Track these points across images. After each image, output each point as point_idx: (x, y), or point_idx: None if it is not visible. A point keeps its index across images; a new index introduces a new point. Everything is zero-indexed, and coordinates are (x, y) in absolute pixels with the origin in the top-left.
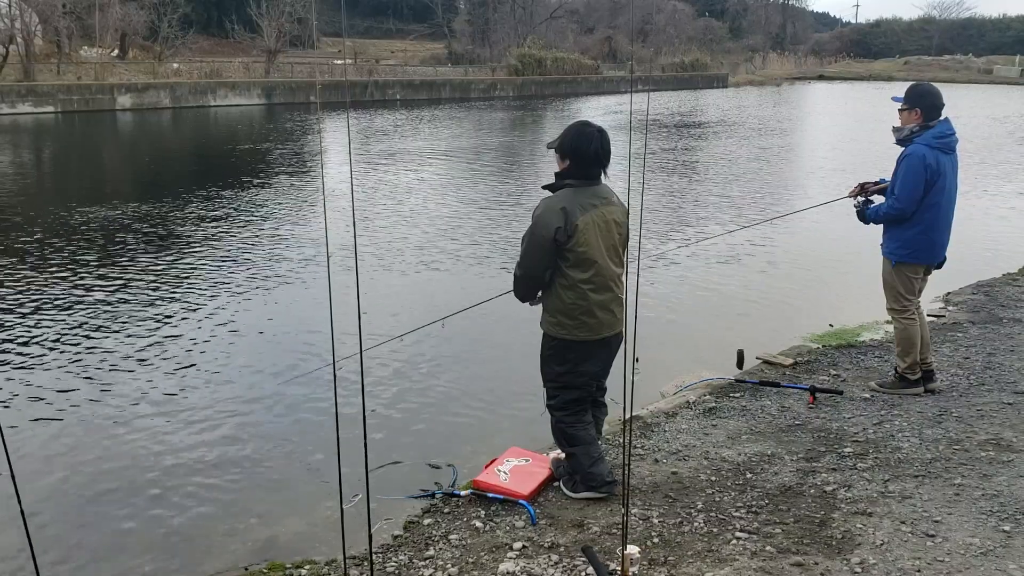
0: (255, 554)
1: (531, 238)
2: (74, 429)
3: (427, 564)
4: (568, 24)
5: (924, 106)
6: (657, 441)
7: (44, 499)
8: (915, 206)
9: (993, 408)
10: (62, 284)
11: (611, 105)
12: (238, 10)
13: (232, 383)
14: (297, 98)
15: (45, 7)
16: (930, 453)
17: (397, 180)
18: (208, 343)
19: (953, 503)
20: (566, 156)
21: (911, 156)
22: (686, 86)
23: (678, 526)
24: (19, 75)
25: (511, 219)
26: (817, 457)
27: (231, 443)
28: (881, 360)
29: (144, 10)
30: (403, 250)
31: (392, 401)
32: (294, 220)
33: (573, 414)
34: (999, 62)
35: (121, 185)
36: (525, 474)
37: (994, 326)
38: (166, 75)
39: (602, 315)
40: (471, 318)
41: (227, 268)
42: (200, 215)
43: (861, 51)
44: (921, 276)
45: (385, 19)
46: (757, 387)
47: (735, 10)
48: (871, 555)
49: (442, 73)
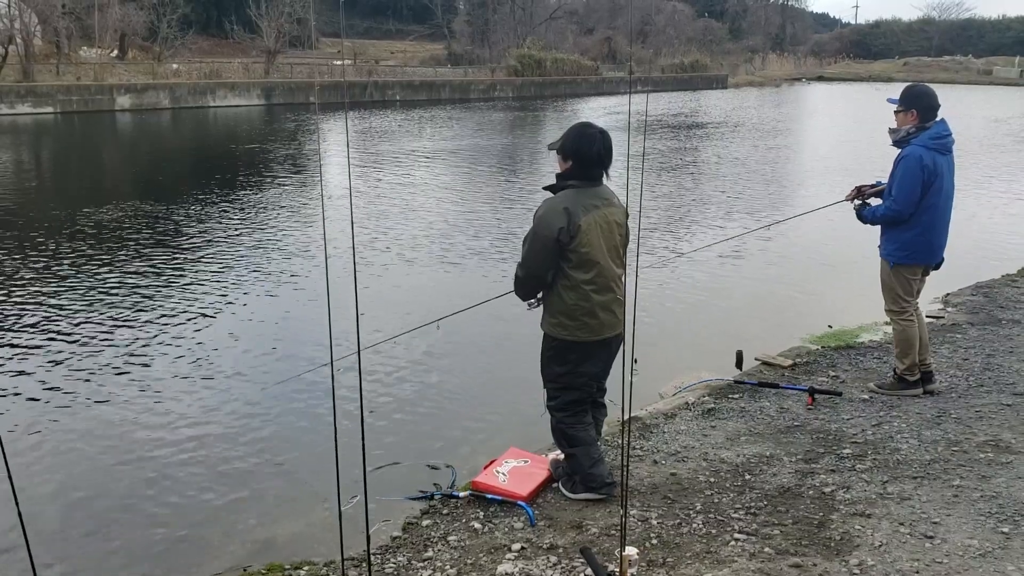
0: (254, 555)
1: (534, 238)
2: (71, 430)
3: (426, 565)
4: (567, 25)
5: (920, 107)
6: (656, 442)
7: (42, 500)
8: (913, 207)
9: (992, 409)
10: (60, 284)
11: (611, 106)
12: (237, 10)
13: (230, 384)
14: (296, 99)
15: (44, 7)
16: (929, 454)
17: (396, 181)
18: (206, 344)
19: (952, 504)
20: (568, 157)
21: (908, 157)
22: (686, 87)
23: (677, 527)
24: (18, 76)
25: (511, 220)
26: (816, 458)
27: (230, 444)
28: (880, 361)
29: (143, 10)
30: (402, 251)
31: (391, 402)
32: (293, 221)
33: (573, 415)
34: (999, 63)
35: (120, 185)
36: (524, 475)
37: (993, 327)
38: (165, 76)
39: (604, 316)
40: (470, 319)
41: (225, 269)
42: (199, 216)
43: (861, 52)
44: (919, 277)
45: (384, 20)
46: (756, 388)
47: (735, 11)
48: (870, 556)
49: (441, 74)
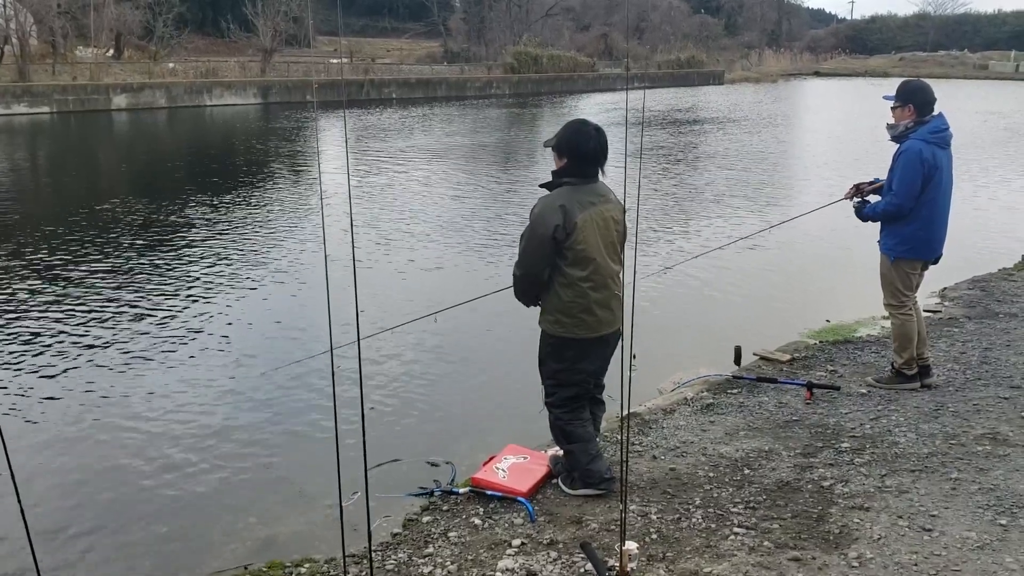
0: (255, 553)
1: (530, 236)
2: (71, 429)
3: (426, 561)
4: (564, 22)
5: (916, 102)
6: (655, 438)
7: (43, 499)
8: (913, 201)
9: (989, 403)
10: (58, 283)
11: (607, 103)
12: (233, 9)
13: (230, 382)
14: (293, 97)
15: (40, 7)
16: (927, 448)
17: (394, 178)
18: (206, 342)
19: (950, 497)
20: (563, 154)
21: (908, 152)
22: (682, 83)
23: (676, 522)
24: (14, 75)
25: (507, 217)
26: (814, 452)
27: (230, 442)
28: (878, 356)
29: (139, 10)
30: (401, 248)
31: (390, 399)
32: (291, 219)
33: (571, 411)
34: (994, 58)
35: (117, 185)
36: (523, 471)
37: (990, 321)
38: (162, 75)
39: (601, 313)
40: (469, 316)
41: (224, 267)
42: (196, 214)
43: (856, 47)
44: (919, 272)
45: (381, 18)
46: (754, 383)
47: (730, 7)
48: (868, 549)
49: (438, 72)
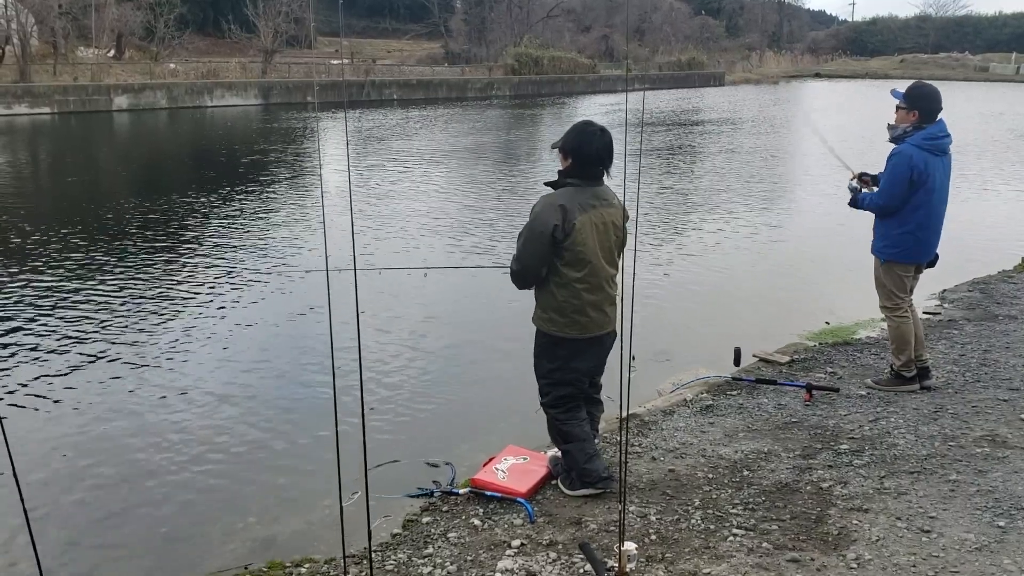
0: (255, 553)
1: (529, 234)
2: (72, 429)
3: (426, 562)
4: (565, 23)
5: (922, 109)
6: (654, 439)
7: (44, 498)
8: (896, 203)
9: (988, 405)
10: (57, 283)
11: (608, 104)
12: (235, 10)
13: (229, 382)
14: (294, 98)
15: (41, 8)
16: (926, 450)
17: (394, 179)
18: (206, 342)
19: (948, 499)
20: (568, 155)
21: (899, 155)
22: (683, 84)
23: (675, 523)
24: (15, 76)
25: (508, 217)
26: (813, 454)
27: (229, 442)
28: (877, 357)
29: (140, 10)
30: (400, 248)
31: (390, 400)
32: (291, 219)
33: (566, 411)
34: (995, 59)
35: (118, 185)
36: (523, 472)
37: (990, 323)
38: (162, 75)
39: (594, 314)
40: (469, 316)
41: (224, 267)
42: (197, 214)
43: (857, 49)
44: (912, 275)
45: (382, 19)
46: (754, 385)
47: (731, 8)
48: (867, 551)
49: (439, 73)
